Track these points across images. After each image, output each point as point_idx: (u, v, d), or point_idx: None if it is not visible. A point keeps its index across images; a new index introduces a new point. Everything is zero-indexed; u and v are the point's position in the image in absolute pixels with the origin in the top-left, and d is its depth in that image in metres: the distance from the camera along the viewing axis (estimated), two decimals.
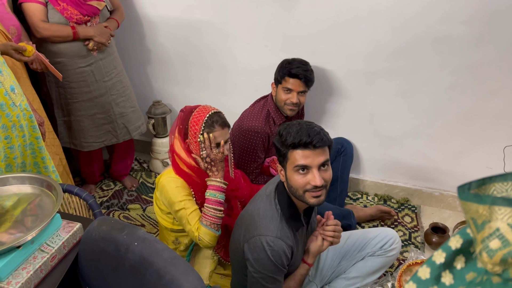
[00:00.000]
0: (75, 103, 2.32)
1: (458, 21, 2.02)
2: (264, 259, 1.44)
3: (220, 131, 1.69)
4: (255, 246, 1.45)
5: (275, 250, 1.43)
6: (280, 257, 1.44)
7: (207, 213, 1.69)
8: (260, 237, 1.45)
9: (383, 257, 1.83)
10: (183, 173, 1.72)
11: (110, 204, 2.62)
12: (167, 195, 1.72)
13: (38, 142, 1.78)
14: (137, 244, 1.07)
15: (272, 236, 1.44)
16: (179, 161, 1.72)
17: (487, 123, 2.22)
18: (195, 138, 1.68)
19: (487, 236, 0.48)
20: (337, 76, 2.37)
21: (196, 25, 2.51)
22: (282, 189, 1.51)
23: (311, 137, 1.37)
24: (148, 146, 2.97)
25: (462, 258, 0.53)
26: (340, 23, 2.21)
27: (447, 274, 0.53)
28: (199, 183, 1.73)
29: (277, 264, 1.45)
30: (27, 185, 1.31)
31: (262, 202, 1.53)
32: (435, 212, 2.53)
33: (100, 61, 2.31)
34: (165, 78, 2.82)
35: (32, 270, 1.09)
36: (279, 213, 1.49)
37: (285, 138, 1.41)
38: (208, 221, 1.67)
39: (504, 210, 0.46)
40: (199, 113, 1.70)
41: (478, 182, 0.51)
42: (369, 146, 2.55)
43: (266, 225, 1.46)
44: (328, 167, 1.44)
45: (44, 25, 2.11)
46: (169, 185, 1.71)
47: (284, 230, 1.47)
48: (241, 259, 1.55)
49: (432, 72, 2.18)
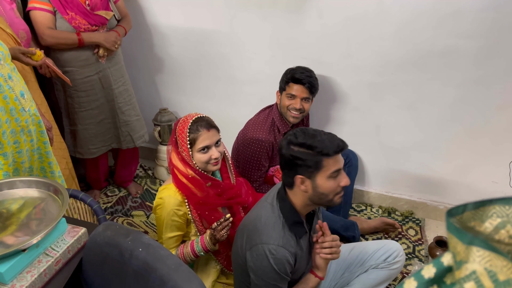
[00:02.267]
0: (83, 112, 2.35)
1: (465, 36, 2.03)
2: (266, 267, 1.44)
3: (206, 133, 1.68)
4: (258, 254, 1.45)
5: (277, 258, 1.43)
6: (283, 265, 1.44)
7: (184, 252, 1.78)
8: (263, 245, 1.44)
9: (387, 269, 1.82)
10: (182, 185, 1.72)
11: (114, 210, 2.63)
12: (159, 219, 1.77)
13: (46, 147, 1.80)
14: (141, 250, 1.07)
15: (274, 244, 1.43)
16: (177, 173, 1.73)
17: (494, 137, 2.22)
18: (183, 145, 1.69)
19: (463, 278, 0.45)
20: (343, 87, 2.38)
21: (204, 35, 2.54)
22: (283, 197, 1.51)
23: (342, 141, 1.42)
24: (153, 153, 2.98)
25: (454, 275, 0.49)
26: (347, 34, 2.22)
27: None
28: (197, 196, 1.73)
29: (280, 272, 1.44)
30: (34, 189, 1.32)
31: (264, 210, 1.53)
32: (440, 226, 2.51)
33: (108, 69, 2.33)
34: (172, 86, 2.84)
35: (37, 274, 1.10)
36: (281, 220, 1.48)
37: (321, 149, 1.38)
38: (180, 255, 1.79)
39: (483, 253, 0.43)
40: (183, 121, 1.71)
41: (476, 204, 0.48)
42: (374, 158, 2.55)
43: (268, 233, 1.46)
44: None
45: (50, 32, 2.12)
46: (166, 209, 1.73)
47: (286, 238, 1.47)
48: (243, 266, 1.55)
49: (439, 85, 2.19)
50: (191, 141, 1.68)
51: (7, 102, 1.54)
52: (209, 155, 1.70)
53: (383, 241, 1.90)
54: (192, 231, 1.82)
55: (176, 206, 1.72)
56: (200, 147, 1.68)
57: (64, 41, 2.16)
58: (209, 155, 1.70)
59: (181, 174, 1.71)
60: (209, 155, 1.70)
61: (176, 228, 1.76)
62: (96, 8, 2.20)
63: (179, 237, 1.80)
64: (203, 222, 1.79)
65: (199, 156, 1.70)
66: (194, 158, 1.70)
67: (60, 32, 2.15)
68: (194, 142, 1.68)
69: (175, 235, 1.78)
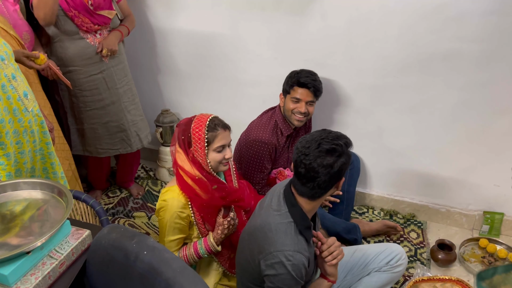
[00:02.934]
0: (88, 111, 2.35)
1: (468, 39, 2.03)
2: (284, 274, 1.42)
3: (223, 133, 1.71)
4: (274, 262, 1.43)
5: (295, 264, 1.41)
6: (299, 270, 1.43)
7: (188, 253, 1.78)
8: (278, 252, 1.43)
9: (389, 273, 1.82)
10: (187, 186, 1.72)
11: (115, 211, 2.63)
12: (161, 221, 1.75)
13: (48, 148, 1.79)
14: (147, 253, 1.06)
15: (290, 250, 1.42)
16: (183, 174, 1.72)
17: (496, 141, 2.22)
18: (200, 143, 1.69)
19: None
20: (346, 90, 2.38)
21: (207, 37, 2.54)
22: (293, 202, 1.49)
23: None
24: (155, 154, 2.98)
25: None
26: (350, 37, 2.22)
27: None
28: (202, 198, 1.73)
29: (297, 277, 1.43)
30: (38, 191, 1.31)
31: (271, 217, 1.50)
32: (442, 229, 2.51)
33: (112, 68, 2.33)
34: (175, 87, 2.84)
35: (41, 276, 1.09)
36: (293, 226, 1.47)
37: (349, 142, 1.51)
38: (183, 257, 1.79)
39: None
40: (199, 119, 1.72)
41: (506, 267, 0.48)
42: (376, 160, 2.55)
43: (282, 240, 1.44)
44: None
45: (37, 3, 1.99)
46: (169, 211, 1.72)
47: (300, 243, 1.46)
48: (254, 274, 1.53)
49: (441, 88, 2.19)
50: (208, 140, 1.69)
51: (11, 103, 1.54)
52: (223, 154, 1.73)
53: (386, 244, 1.90)
54: (195, 233, 1.81)
55: (180, 209, 1.72)
56: (217, 146, 1.70)
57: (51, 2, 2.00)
58: (223, 155, 1.72)
59: (187, 175, 1.71)
60: (223, 154, 1.73)
61: (178, 230, 1.76)
62: (99, 7, 2.20)
63: (181, 240, 1.80)
64: (205, 225, 1.79)
65: (214, 155, 1.71)
66: (209, 157, 1.71)
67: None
68: (212, 141, 1.69)
69: (178, 238, 1.77)
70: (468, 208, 2.46)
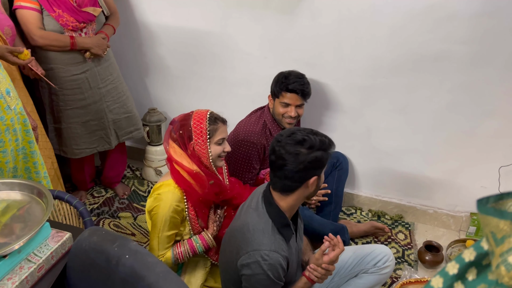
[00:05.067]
0: (68, 110, 2.28)
1: (458, 41, 2.02)
2: (260, 274, 1.41)
3: (222, 126, 1.75)
4: (250, 262, 1.42)
5: (271, 264, 1.40)
6: (276, 270, 1.41)
7: (183, 250, 1.78)
8: (254, 252, 1.41)
9: (377, 274, 1.81)
10: (183, 181, 1.70)
11: (100, 211, 2.58)
12: (156, 215, 1.71)
13: (31, 147, 1.75)
14: (129, 257, 1.03)
15: (266, 249, 1.41)
16: (179, 168, 1.71)
17: (484, 142, 2.23)
18: (202, 136, 1.70)
19: (506, 251, 0.49)
20: (335, 90, 2.37)
21: (195, 35, 2.50)
22: (270, 201, 1.49)
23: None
24: (141, 153, 2.93)
25: (474, 270, 0.55)
26: (340, 38, 2.21)
27: (459, 285, 0.56)
28: (198, 193, 1.72)
29: (273, 278, 1.41)
30: (17, 192, 1.27)
31: (250, 217, 1.50)
32: (429, 230, 2.51)
33: (95, 67, 2.28)
34: (162, 86, 2.80)
35: (18, 281, 1.06)
36: (270, 225, 1.46)
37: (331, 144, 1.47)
38: (178, 255, 1.77)
39: None
40: (199, 114, 1.74)
41: (496, 197, 0.52)
42: (365, 161, 2.54)
43: (258, 239, 1.43)
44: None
45: (41, 33, 2.07)
46: (165, 205, 1.69)
47: (277, 242, 1.44)
48: (234, 276, 1.52)
49: (430, 90, 2.19)
50: (210, 133, 1.70)
51: None
52: (223, 147, 1.76)
53: (373, 246, 1.89)
54: (186, 229, 1.80)
55: (176, 202, 1.70)
56: (218, 139, 1.73)
57: (56, 43, 2.11)
58: (222, 148, 1.76)
59: (184, 169, 1.70)
60: (223, 147, 1.76)
61: (173, 225, 1.74)
62: (83, 4, 2.14)
63: (174, 236, 1.78)
64: (198, 220, 1.79)
65: (215, 148, 1.73)
66: (210, 149, 1.72)
67: (52, 33, 2.09)
68: (213, 134, 1.72)
69: (172, 233, 1.75)
70: (456, 209, 2.47)
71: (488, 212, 0.51)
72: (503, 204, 0.52)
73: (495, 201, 0.52)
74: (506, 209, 0.52)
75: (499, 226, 0.50)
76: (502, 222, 0.49)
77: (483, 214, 0.51)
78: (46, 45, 2.10)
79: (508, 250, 0.49)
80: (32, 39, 2.07)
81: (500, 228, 0.50)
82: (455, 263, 0.56)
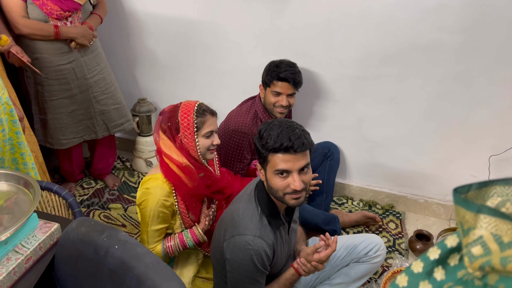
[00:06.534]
0: (54, 101, 2.24)
1: (448, 30, 2.02)
2: (243, 259, 1.41)
3: (211, 118, 1.70)
4: (235, 246, 1.42)
5: (255, 249, 1.40)
6: (260, 257, 1.41)
7: (173, 244, 1.76)
8: (240, 236, 1.42)
9: (368, 263, 1.82)
10: (172, 174, 1.68)
11: (90, 203, 2.55)
12: (144, 210, 1.70)
13: (18, 137, 1.72)
14: (118, 247, 1.02)
15: (251, 235, 1.41)
16: (168, 161, 1.68)
17: (474, 132, 2.23)
18: (189, 129, 1.66)
19: (471, 242, 0.50)
20: (326, 80, 2.36)
21: (185, 23, 2.47)
22: (261, 188, 1.49)
23: (292, 141, 1.34)
24: (131, 144, 2.91)
25: (456, 256, 0.55)
26: (331, 27, 2.19)
27: (440, 269, 0.56)
28: (187, 186, 1.69)
29: (257, 264, 1.41)
30: (3, 182, 1.25)
31: (242, 202, 1.51)
32: (420, 219, 2.53)
33: (82, 58, 2.23)
34: (151, 75, 2.77)
35: (5, 273, 1.04)
36: (258, 211, 1.46)
37: (266, 141, 1.38)
38: (168, 248, 1.76)
39: (489, 219, 0.48)
40: (186, 105, 1.69)
41: (479, 184, 0.52)
42: (356, 151, 2.54)
43: (245, 224, 1.43)
44: (308, 170, 1.42)
45: (25, 21, 2.02)
46: (153, 200, 1.67)
47: (264, 229, 1.44)
48: (221, 260, 1.52)
49: (421, 79, 2.18)
50: (198, 125, 1.66)
51: None
52: (211, 140, 1.71)
53: (365, 235, 1.90)
54: (177, 223, 1.79)
55: (164, 197, 1.68)
56: (206, 131, 1.68)
57: (39, 32, 2.06)
58: (211, 141, 1.71)
59: (173, 162, 1.67)
60: (211, 140, 1.71)
61: (162, 220, 1.72)
62: None
63: (164, 229, 1.77)
64: (189, 214, 1.77)
65: (203, 141, 1.69)
66: (198, 143, 1.68)
67: (36, 22, 2.04)
68: (201, 127, 1.68)
69: (161, 228, 1.74)
70: (446, 198, 2.48)
71: (458, 202, 0.51)
72: (486, 191, 0.52)
73: (477, 188, 0.52)
74: (486, 196, 0.52)
75: (465, 217, 0.50)
76: (468, 213, 0.50)
77: (455, 203, 0.52)
78: (30, 34, 2.05)
79: (472, 242, 0.50)
80: (15, 28, 2.03)
81: (466, 219, 0.50)
82: (437, 248, 0.57)
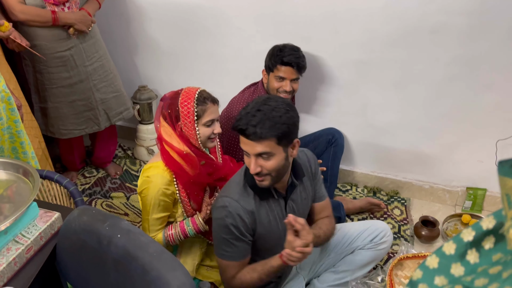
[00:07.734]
0: (53, 89, 2.20)
1: (455, 12, 1.97)
2: (219, 219, 1.47)
3: (212, 107, 1.66)
4: (216, 205, 1.51)
5: (230, 212, 1.45)
6: (234, 220, 1.45)
7: (173, 233, 1.75)
8: (222, 198, 1.49)
9: (373, 250, 1.79)
10: (173, 162, 1.65)
11: (92, 192, 2.53)
12: (145, 199, 1.68)
13: (17, 126, 1.69)
14: (121, 236, 0.99)
15: (229, 197, 1.47)
16: (169, 149, 1.65)
17: (481, 116, 2.19)
18: (189, 117, 1.62)
19: None
20: (330, 65, 2.31)
21: (185, 9, 2.41)
22: None
23: (246, 127, 1.36)
24: (133, 132, 2.88)
25: (492, 239, 0.53)
26: (335, 10, 2.14)
27: (473, 252, 0.53)
28: (188, 174, 1.66)
29: (230, 226, 1.45)
30: (2, 171, 1.22)
31: (238, 172, 1.59)
32: (425, 205, 2.50)
33: (81, 44, 2.19)
34: (152, 62, 2.72)
35: (5, 263, 1.01)
36: (244, 180, 1.52)
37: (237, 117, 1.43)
38: (169, 237, 1.75)
39: None
40: (187, 93, 1.65)
41: None
42: (360, 138, 2.50)
43: (230, 188, 1.52)
44: (269, 157, 1.39)
45: (22, 7, 1.97)
46: (154, 188, 1.65)
47: (245, 195, 1.49)
48: None
49: (427, 63, 2.14)
50: (198, 114, 1.62)
51: None
52: (212, 129, 1.68)
53: (370, 222, 1.88)
54: (179, 211, 1.77)
55: (165, 185, 1.65)
56: (207, 120, 1.64)
57: (37, 19, 2.01)
58: (212, 129, 1.67)
59: (174, 150, 1.64)
60: (212, 129, 1.68)
61: (163, 208, 1.70)
62: None
63: (165, 218, 1.75)
64: (191, 203, 1.74)
65: (204, 130, 1.66)
66: (199, 131, 1.65)
67: (34, 8, 2.00)
68: (201, 115, 1.63)
69: (162, 216, 1.72)
70: (451, 184, 2.45)
71: (506, 173, 0.48)
72: None
73: None
74: None
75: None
76: None
77: (501, 175, 0.49)
78: (27, 20, 2.01)
79: None
80: (12, 14, 1.98)
81: None
82: (472, 230, 0.54)
